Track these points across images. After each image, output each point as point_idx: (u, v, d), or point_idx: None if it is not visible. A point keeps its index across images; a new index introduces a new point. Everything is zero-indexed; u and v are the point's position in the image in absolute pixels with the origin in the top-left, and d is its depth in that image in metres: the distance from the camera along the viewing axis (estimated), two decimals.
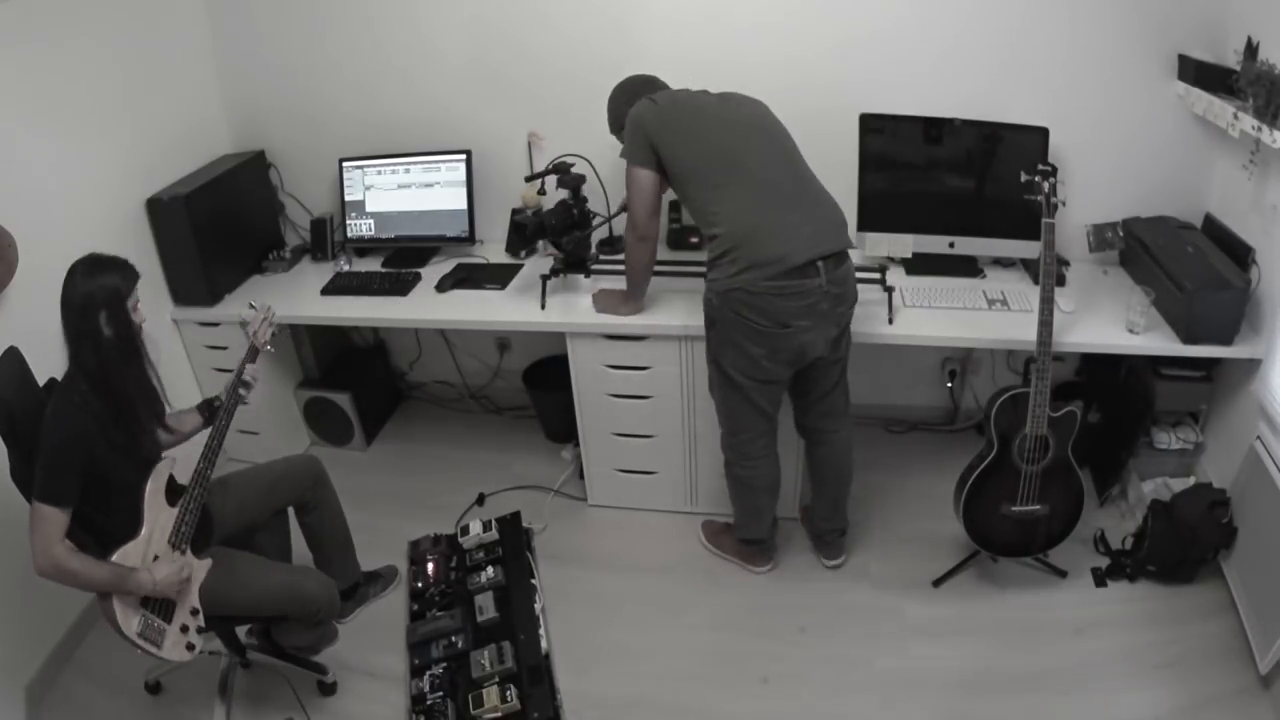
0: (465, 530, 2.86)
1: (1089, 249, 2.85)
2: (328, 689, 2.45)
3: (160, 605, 1.98)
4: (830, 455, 2.59)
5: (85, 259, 1.92)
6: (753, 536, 2.69)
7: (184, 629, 2.01)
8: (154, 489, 2.01)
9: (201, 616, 2.05)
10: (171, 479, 2.08)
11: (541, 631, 2.54)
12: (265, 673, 2.48)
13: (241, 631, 2.45)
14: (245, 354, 2.26)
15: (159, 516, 2.00)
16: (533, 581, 2.72)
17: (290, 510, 2.51)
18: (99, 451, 1.88)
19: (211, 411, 2.26)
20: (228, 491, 2.30)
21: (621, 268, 2.66)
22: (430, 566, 2.78)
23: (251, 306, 2.34)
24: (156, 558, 1.97)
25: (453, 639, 2.50)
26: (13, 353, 2.02)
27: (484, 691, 2.32)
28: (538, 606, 2.63)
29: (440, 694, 2.35)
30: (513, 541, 2.85)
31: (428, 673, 2.41)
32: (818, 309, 2.20)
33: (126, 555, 1.92)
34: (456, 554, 2.83)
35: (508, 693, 2.30)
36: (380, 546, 2.92)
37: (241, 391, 2.20)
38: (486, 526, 2.87)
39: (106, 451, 1.90)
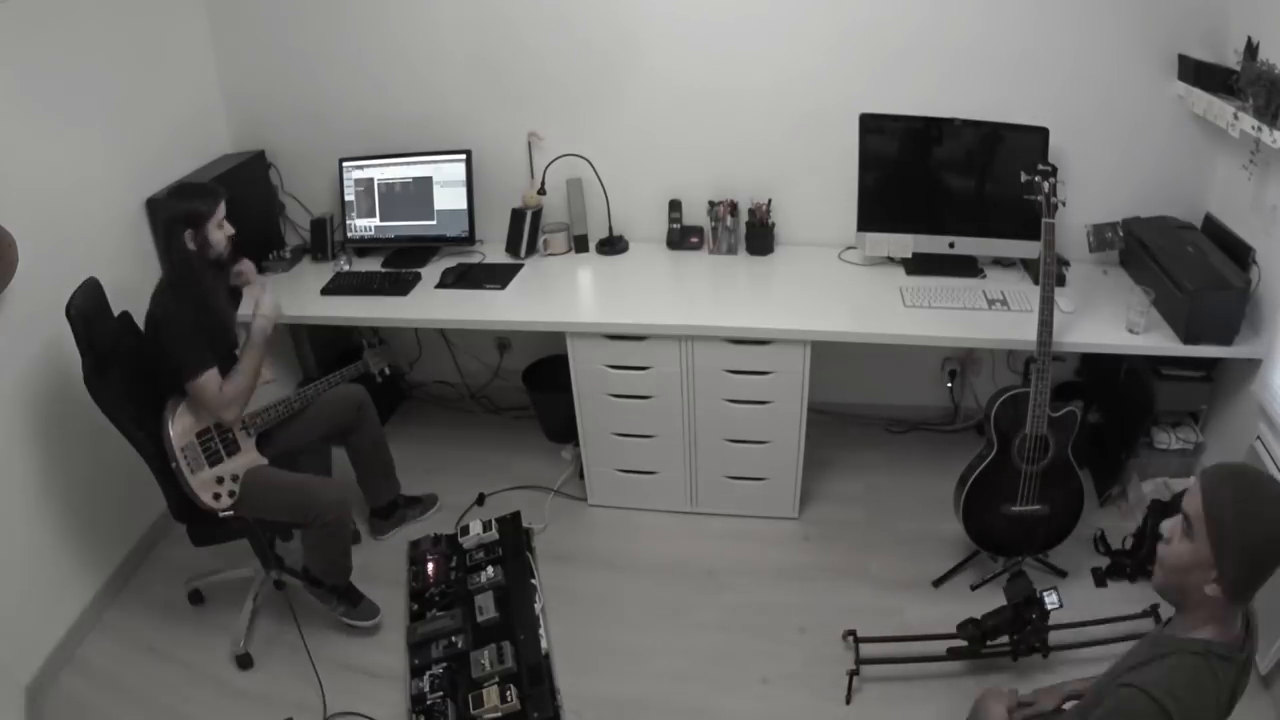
0: (465, 530, 2.86)
1: (1089, 249, 2.85)
2: (364, 630, 2.62)
3: (207, 446, 2.34)
4: None
5: (173, 186, 2.30)
6: None
7: (219, 480, 2.35)
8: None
9: (238, 484, 2.37)
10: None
11: (541, 631, 2.54)
12: (300, 604, 2.64)
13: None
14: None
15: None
16: (533, 581, 2.72)
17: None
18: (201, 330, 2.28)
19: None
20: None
21: None
22: (430, 566, 2.78)
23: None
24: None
25: (453, 639, 2.50)
26: (93, 281, 2.30)
27: (484, 691, 2.32)
28: (538, 606, 2.63)
29: (440, 694, 2.35)
30: (513, 541, 2.85)
31: (428, 673, 2.41)
32: None
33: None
34: (456, 554, 2.83)
35: (508, 693, 2.31)
36: (380, 547, 2.95)
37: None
38: (486, 526, 2.87)
39: (205, 334, 2.28)
